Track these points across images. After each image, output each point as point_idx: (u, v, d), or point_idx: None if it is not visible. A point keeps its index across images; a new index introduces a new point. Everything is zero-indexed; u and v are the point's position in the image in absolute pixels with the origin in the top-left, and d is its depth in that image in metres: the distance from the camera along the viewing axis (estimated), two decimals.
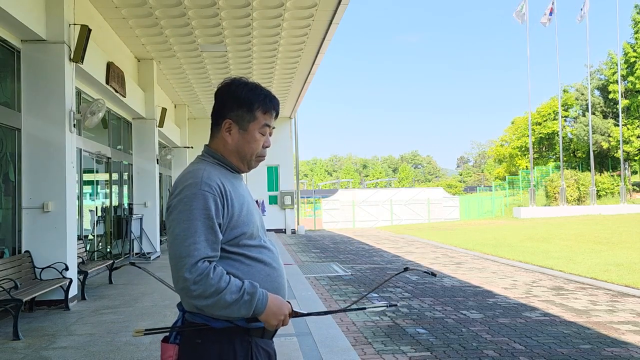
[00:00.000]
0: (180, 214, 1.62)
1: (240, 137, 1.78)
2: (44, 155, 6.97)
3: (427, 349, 5.08)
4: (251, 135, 1.78)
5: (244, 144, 1.78)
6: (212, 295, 1.56)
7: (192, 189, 1.64)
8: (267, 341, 1.75)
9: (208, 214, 1.61)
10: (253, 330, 1.68)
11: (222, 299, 1.57)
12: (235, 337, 1.65)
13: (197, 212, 1.60)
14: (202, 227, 1.60)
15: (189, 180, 1.67)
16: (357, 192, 38.37)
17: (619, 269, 10.08)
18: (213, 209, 1.62)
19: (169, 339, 1.69)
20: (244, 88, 1.78)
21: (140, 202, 12.93)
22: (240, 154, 1.79)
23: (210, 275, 1.57)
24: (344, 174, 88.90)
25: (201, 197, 1.62)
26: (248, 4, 9.48)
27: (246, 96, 1.77)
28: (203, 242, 1.59)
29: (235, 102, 1.77)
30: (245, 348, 1.65)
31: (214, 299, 1.57)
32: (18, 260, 6.57)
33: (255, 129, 1.78)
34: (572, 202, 32.08)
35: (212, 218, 1.62)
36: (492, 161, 64.72)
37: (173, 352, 1.65)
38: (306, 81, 15.75)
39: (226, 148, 1.80)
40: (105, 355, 4.80)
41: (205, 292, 1.56)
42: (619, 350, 4.93)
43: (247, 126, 1.77)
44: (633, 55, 37.10)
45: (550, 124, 42.43)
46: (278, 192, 22.67)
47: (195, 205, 1.61)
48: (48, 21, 7.00)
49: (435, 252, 14.44)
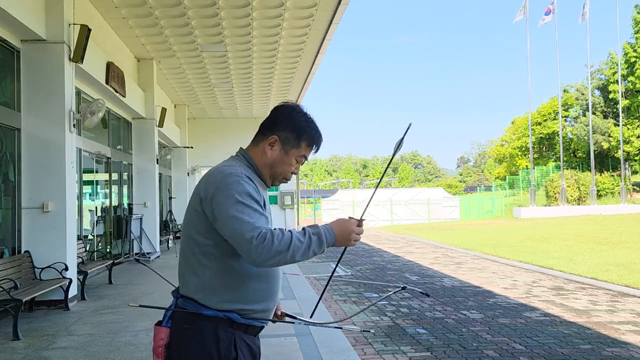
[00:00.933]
0: (228, 199, 1.70)
1: (279, 156, 1.89)
2: (44, 155, 6.96)
3: (427, 349, 5.08)
4: (289, 158, 1.90)
5: (280, 163, 1.90)
6: (284, 251, 1.65)
7: (233, 177, 1.75)
8: (252, 338, 1.84)
9: (252, 195, 1.73)
10: (237, 324, 1.76)
11: (295, 249, 1.66)
12: (219, 326, 1.74)
13: (242, 195, 1.71)
14: (250, 206, 1.70)
15: (227, 171, 1.78)
16: (357, 192, 38.40)
17: (619, 269, 10.07)
18: (255, 193, 1.75)
19: (161, 322, 1.81)
20: (303, 116, 1.91)
21: (140, 202, 12.92)
22: (272, 170, 1.91)
23: (273, 236, 1.65)
24: (344, 174, 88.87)
25: (243, 183, 1.74)
26: (248, 4, 9.47)
27: (301, 125, 1.89)
28: (252, 217, 1.68)
29: (289, 124, 1.89)
30: (228, 338, 1.74)
31: (288, 253, 1.65)
32: (18, 260, 6.56)
33: (295, 155, 1.91)
34: (572, 202, 32.07)
35: (255, 196, 1.74)
36: (492, 161, 64.71)
37: (164, 335, 1.78)
38: (306, 81, 15.74)
39: (262, 159, 1.90)
40: (105, 355, 4.80)
41: (278, 252, 1.64)
42: (619, 351, 4.92)
43: (289, 149, 1.89)
44: (633, 55, 37.08)
45: (550, 124, 42.42)
46: (278, 192, 22.65)
47: (240, 189, 1.72)
48: (48, 21, 6.99)
49: (435, 252, 14.43)
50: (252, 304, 1.79)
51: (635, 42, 37.50)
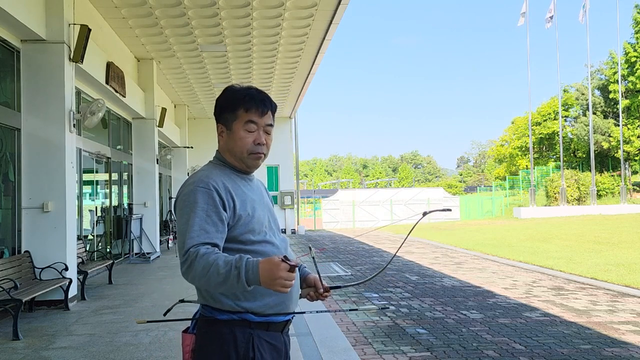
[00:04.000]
0: (180, 211, 1.75)
1: (227, 137, 1.89)
2: (44, 155, 6.96)
3: (427, 349, 5.08)
4: (236, 134, 1.86)
5: (231, 143, 1.88)
6: (202, 275, 1.60)
7: (190, 187, 1.77)
8: (275, 335, 1.80)
9: (203, 206, 1.71)
10: (255, 324, 1.75)
11: (211, 276, 1.59)
12: (236, 328, 1.74)
13: (192, 206, 1.72)
14: (197, 219, 1.69)
15: (189, 181, 1.81)
16: (357, 192, 38.39)
17: (619, 269, 10.07)
18: (209, 202, 1.72)
19: (188, 329, 1.87)
20: (230, 93, 1.90)
21: (140, 202, 12.92)
22: (232, 153, 1.89)
23: (197, 257, 1.61)
24: (344, 174, 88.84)
25: (197, 192, 1.74)
26: (248, 4, 9.47)
27: (230, 99, 1.89)
28: (197, 231, 1.68)
29: (221, 106, 1.91)
30: (246, 339, 1.73)
31: (205, 279, 1.60)
32: (18, 260, 6.56)
33: (240, 127, 1.86)
34: (572, 202, 32.05)
35: (208, 210, 1.71)
36: (492, 161, 64.72)
37: (190, 341, 1.82)
38: (306, 81, 15.75)
39: (222, 150, 1.92)
40: (105, 356, 4.80)
41: (195, 274, 1.62)
42: (619, 351, 4.92)
43: (231, 126, 1.88)
44: (633, 55, 37.06)
45: (550, 124, 42.41)
46: (278, 192, 22.65)
47: (192, 200, 1.73)
48: (48, 21, 6.99)
49: (435, 252, 14.43)
50: (264, 299, 1.76)
51: (636, 41, 37.47)
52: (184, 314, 2.37)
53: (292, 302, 1.85)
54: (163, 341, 5.13)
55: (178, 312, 1.89)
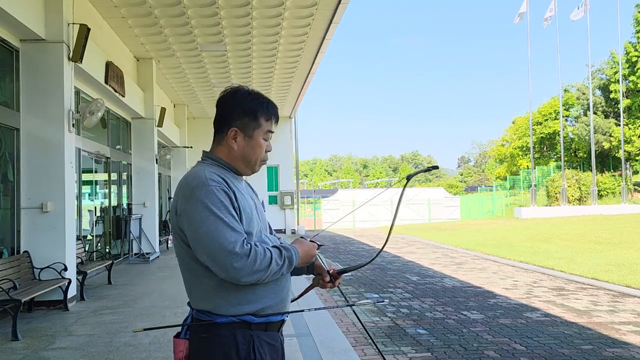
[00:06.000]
0: (200, 213, 1.68)
1: (245, 144, 1.85)
2: (43, 155, 6.94)
3: (428, 350, 5.06)
4: (256, 142, 1.86)
5: (249, 150, 1.86)
6: (264, 270, 1.68)
7: (201, 188, 1.71)
8: (273, 335, 1.82)
9: (224, 204, 1.70)
10: (254, 325, 1.75)
11: (272, 270, 1.70)
12: (237, 330, 1.72)
13: (214, 207, 1.68)
14: (225, 219, 1.67)
15: (194, 182, 1.73)
16: (357, 192, 38.38)
17: (620, 269, 10.05)
18: (227, 199, 1.72)
19: (179, 334, 1.80)
20: (247, 97, 1.87)
21: (140, 202, 12.90)
22: (246, 160, 1.87)
23: (256, 254, 1.67)
24: (344, 174, 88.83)
25: (212, 192, 1.70)
26: (248, 3, 9.45)
27: (250, 104, 1.85)
28: (230, 231, 1.67)
29: (240, 110, 1.84)
30: (247, 341, 1.73)
31: (267, 272, 1.69)
32: (17, 261, 6.55)
33: (260, 136, 1.87)
34: (573, 202, 32.00)
35: (228, 207, 1.71)
36: (493, 161, 64.67)
37: (183, 347, 1.77)
38: (306, 81, 15.72)
39: (232, 155, 1.86)
40: (105, 356, 4.78)
41: (257, 271, 1.67)
42: (620, 351, 4.90)
43: (252, 133, 1.85)
44: (634, 55, 37.00)
45: (551, 124, 42.35)
46: (278, 192, 22.63)
47: (211, 201, 1.68)
48: (47, 21, 6.97)
49: (436, 252, 14.41)
50: (264, 300, 1.77)
51: (637, 41, 37.41)
52: (182, 318, 2.35)
53: (289, 301, 1.90)
54: (162, 342, 5.11)
55: (177, 316, 1.85)
